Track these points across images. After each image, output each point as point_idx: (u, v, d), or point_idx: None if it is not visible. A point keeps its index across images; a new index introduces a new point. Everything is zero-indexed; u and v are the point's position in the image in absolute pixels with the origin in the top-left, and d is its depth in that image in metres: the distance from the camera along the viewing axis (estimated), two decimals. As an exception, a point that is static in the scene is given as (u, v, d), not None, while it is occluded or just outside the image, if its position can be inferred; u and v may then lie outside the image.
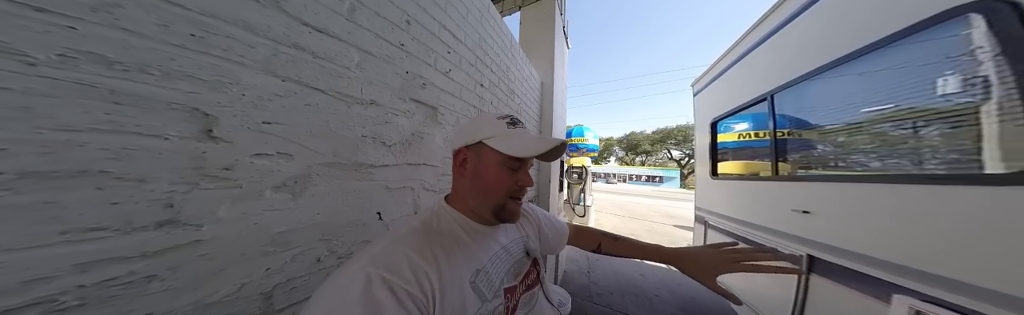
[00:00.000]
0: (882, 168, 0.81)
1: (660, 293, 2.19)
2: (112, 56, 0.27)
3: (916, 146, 0.72)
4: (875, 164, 0.84)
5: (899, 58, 0.73)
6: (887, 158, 0.80)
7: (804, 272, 0.94)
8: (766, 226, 1.20)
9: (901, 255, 0.69)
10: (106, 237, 0.28)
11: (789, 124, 1.17)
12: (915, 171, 0.72)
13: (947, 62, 0.63)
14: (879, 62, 0.78)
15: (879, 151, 0.82)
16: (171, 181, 0.31)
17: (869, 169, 0.86)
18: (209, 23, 0.34)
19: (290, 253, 0.44)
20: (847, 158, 0.94)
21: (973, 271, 0.56)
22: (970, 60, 0.59)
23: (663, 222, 5.67)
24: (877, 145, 0.82)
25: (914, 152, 0.73)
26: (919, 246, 0.66)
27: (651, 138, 30.30)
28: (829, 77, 0.94)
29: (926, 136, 0.70)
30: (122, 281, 0.29)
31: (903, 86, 0.72)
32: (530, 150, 0.33)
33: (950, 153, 0.65)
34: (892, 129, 0.77)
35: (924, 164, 0.70)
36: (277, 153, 0.42)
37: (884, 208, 0.74)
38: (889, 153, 0.79)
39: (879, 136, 0.81)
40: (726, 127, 1.70)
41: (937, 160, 0.68)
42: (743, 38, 1.49)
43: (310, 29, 0.47)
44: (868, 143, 0.85)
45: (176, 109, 0.32)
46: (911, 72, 0.70)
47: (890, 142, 0.78)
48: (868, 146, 0.85)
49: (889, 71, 0.76)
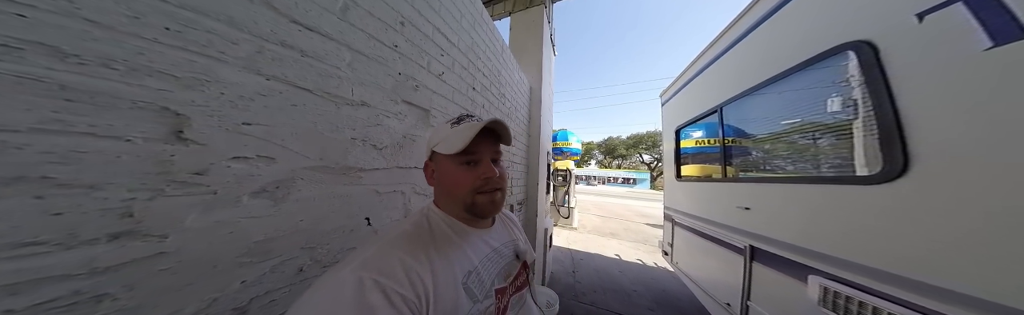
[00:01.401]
0: (796, 171, 0.97)
1: (637, 288, 2.27)
2: (67, 48, 0.23)
3: (816, 153, 0.88)
4: (791, 167, 0.99)
5: (806, 81, 0.89)
6: (799, 163, 0.96)
7: None
8: (719, 221, 1.33)
9: (813, 242, 0.81)
10: (45, 253, 0.23)
11: (734, 133, 1.33)
12: (817, 173, 0.87)
13: (834, 87, 0.78)
14: (793, 84, 0.94)
15: (793, 157, 0.99)
16: (130, 188, 0.27)
17: (787, 172, 1.02)
18: (188, 17, 0.31)
19: (269, 263, 0.40)
20: (772, 162, 1.11)
21: (860, 253, 0.67)
22: (846, 86, 0.73)
23: (637, 221, 5.92)
24: (791, 152, 0.99)
25: (815, 158, 0.89)
26: (825, 235, 0.77)
27: (626, 143, 31.72)
28: (761, 94, 1.10)
29: (821, 145, 0.87)
30: (63, 302, 0.24)
31: (805, 104, 0.88)
32: (463, 140, 0.31)
33: (835, 159, 0.81)
34: (800, 139, 0.93)
35: (822, 168, 0.86)
36: (257, 156, 0.38)
37: (800, 204, 0.87)
38: (800, 158, 0.95)
39: (792, 144, 0.98)
40: (687, 134, 1.85)
41: (828, 164, 0.84)
42: (701, 55, 1.64)
43: (300, 27, 0.44)
44: (785, 150, 1.02)
45: (141, 108, 0.28)
46: (812, 93, 0.86)
47: (799, 149, 0.95)
48: (785, 152, 1.02)
49: (798, 91, 0.92)
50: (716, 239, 1.32)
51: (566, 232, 4.45)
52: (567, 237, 4.10)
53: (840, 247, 0.72)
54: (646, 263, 2.94)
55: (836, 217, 0.74)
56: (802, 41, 0.88)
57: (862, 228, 0.67)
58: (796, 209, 0.88)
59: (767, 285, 0.99)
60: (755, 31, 1.14)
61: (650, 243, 3.86)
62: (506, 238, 0.43)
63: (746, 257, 1.07)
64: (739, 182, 1.23)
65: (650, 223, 5.59)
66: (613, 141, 33.11)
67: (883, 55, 0.64)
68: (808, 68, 0.85)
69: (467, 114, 0.38)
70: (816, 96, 0.83)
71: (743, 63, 1.22)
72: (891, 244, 0.62)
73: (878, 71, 0.63)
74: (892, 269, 0.61)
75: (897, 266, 0.60)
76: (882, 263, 0.63)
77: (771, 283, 0.97)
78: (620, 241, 3.99)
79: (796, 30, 0.92)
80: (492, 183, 0.34)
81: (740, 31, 1.23)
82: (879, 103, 0.63)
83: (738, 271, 1.11)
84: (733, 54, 1.29)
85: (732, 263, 1.16)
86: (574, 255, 3.16)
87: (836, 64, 0.76)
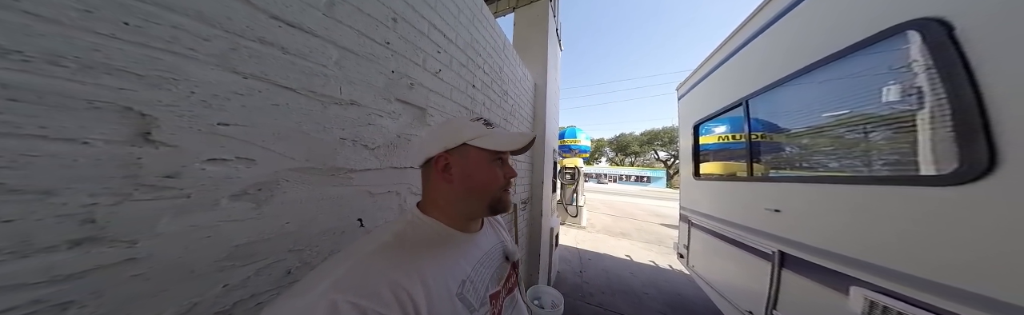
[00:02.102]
0: (840, 169, 0.85)
1: (649, 291, 2.18)
2: (6, 43, 0.22)
3: (868, 149, 0.76)
4: (833, 165, 0.87)
5: (852, 69, 0.76)
6: (843, 160, 0.83)
7: None
8: (743, 224, 1.22)
9: (858, 250, 0.71)
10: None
11: (762, 128, 1.20)
12: (867, 172, 0.75)
13: (891, 73, 0.66)
14: (836, 72, 0.81)
15: (836, 154, 0.85)
16: (92, 193, 0.26)
17: (829, 170, 0.89)
18: (149, 11, 0.29)
19: (254, 266, 0.39)
20: (810, 160, 0.98)
21: (920, 265, 0.59)
22: (907, 72, 0.62)
23: (651, 221, 5.71)
24: (834, 148, 0.86)
25: (866, 155, 0.76)
26: (873, 242, 0.68)
27: (639, 139, 30.68)
28: (795, 85, 0.97)
29: (874, 140, 0.74)
30: (22, 311, 0.23)
31: (855, 94, 0.76)
32: (517, 143, 0.34)
33: (893, 156, 0.69)
34: (847, 133, 0.80)
35: (873, 166, 0.74)
36: (236, 158, 0.36)
37: (842, 207, 0.77)
38: (845, 156, 0.82)
39: (836, 140, 0.84)
40: (707, 130, 1.72)
41: (883, 162, 0.72)
42: (721, 46, 1.51)
43: (280, 23, 0.41)
44: (826, 146, 0.88)
45: (99, 108, 0.26)
46: (862, 82, 0.74)
47: (846, 145, 0.82)
48: (827, 149, 0.89)
49: (844, 80, 0.79)
50: (739, 243, 1.22)
51: (574, 231, 4.37)
52: (575, 236, 4.03)
53: (893, 256, 0.63)
54: (659, 265, 2.82)
55: (891, 222, 0.65)
56: (847, 23, 0.76)
57: (925, 236, 0.58)
58: (838, 212, 0.77)
59: (798, 294, 0.90)
60: (787, 15, 1.00)
61: (665, 244, 3.70)
62: (495, 240, 0.41)
63: (774, 263, 0.98)
64: (768, 182, 1.12)
65: (665, 223, 5.36)
66: (625, 138, 32.16)
67: (960, 34, 0.53)
68: (857, 53, 0.73)
69: (488, 119, 0.38)
70: (868, 84, 0.71)
71: (774, 51, 1.08)
72: (962, 255, 0.52)
73: (954, 53, 0.53)
74: (962, 284, 0.51)
75: (968, 281, 0.51)
76: (949, 277, 0.53)
77: (803, 293, 0.88)
78: (632, 241, 3.86)
79: (838, 11, 0.79)
80: (511, 182, 0.36)
81: (769, 16, 1.10)
82: (955, 90, 0.52)
83: (763, 278, 1.02)
84: (762, 41, 1.16)
85: (757, 269, 1.07)
86: (582, 255, 3.08)
87: (893, 47, 0.65)
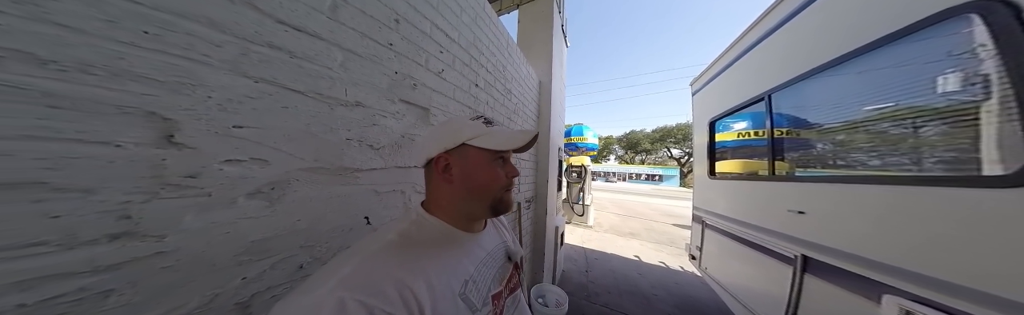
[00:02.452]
0: (878, 169, 0.79)
1: (658, 292, 2.17)
2: (43, 54, 0.24)
3: (911, 146, 0.70)
4: (872, 164, 0.82)
5: (898, 57, 0.71)
6: (884, 158, 0.78)
7: None
8: (762, 226, 1.18)
9: (893, 256, 0.68)
10: (47, 253, 0.25)
11: (787, 124, 1.14)
12: (912, 172, 0.70)
13: (947, 60, 0.61)
14: (877, 61, 0.75)
15: (876, 151, 0.80)
16: (126, 191, 0.29)
17: (864, 169, 0.84)
18: (165, 19, 0.31)
19: (269, 261, 0.42)
20: (843, 158, 0.92)
21: (963, 272, 0.55)
22: (970, 58, 0.56)
23: (662, 221, 5.63)
24: (874, 145, 0.80)
25: (911, 153, 0.71)
26: (911, 247, 0.65)
27: (651, 137, 29.98)
28: (826, 76, 0.91)
29: (920, 137, 0.68)
30: (71, 298, 0.26)
31: (900, 86, 0.70)
32: (517, 141, 0.33)
33: (947, 154, 0.64)
34: (888, 129, 0.75)
35: (921, 165, 0.68)
36: (250, 159, 0.39)
37: (878, 209, 0.73)
38: (886, 153, 0.77)
39: (875, 136, 0.79)
40: (724, 126, 1.66)
41: (934, 161, 0.66)
42: (740, 38, 1.45)
43: (286, 27, 0.43)
44: (863, 143, 0.83)
45: (128, 113, 0.29)
46: (909, 72, 0.68)
47: (887, 142, 0.76)
48: (865, 146, 0.83)
49: (887, 70, 0.74)
50: (757, 246, 1.17)
51: (581, 230, 4.37)
52: (582, 235, 4.03)
53: (935, 263, 0.59)
54: (670, 266, 2.78)
55: (935, 226, 0.60)
56: (889, 8, 0.71)
57: (975, 241, 0.54)
58: (873, 215, 0.73)
59: (822, 301, 0.86)
60: (818, 2, 0.93)
61: (677, 245, 3.63)
62: (498, 240, 0.42)
63: (796, 268, 0.94)
64: (792, 181, 1.06)
65: (678, 224, 5.26)
66: (636, 135, 31.50)
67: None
68: (903, 40, 0.67)
69: (487, 117, 0.37)
70: (916, 75, 0.66)
71: (802, 41, 1.01)
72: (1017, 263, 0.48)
73: (1021, 37, 0.48)
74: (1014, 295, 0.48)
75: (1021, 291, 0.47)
76: (999, 286, 0.50)
77: (828, 299, 0.84)
78: (641, 242, 3.83)
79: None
80: (512, 182, 0.35)
81: (797, 3, 1.02)
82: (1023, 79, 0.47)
83: (784, 283, 0.98)
84: (787, 31, 1.09)
85: (776, 273, 1.03)
86: (588, 254, 3.09)
87: (948, 33, 0.59)
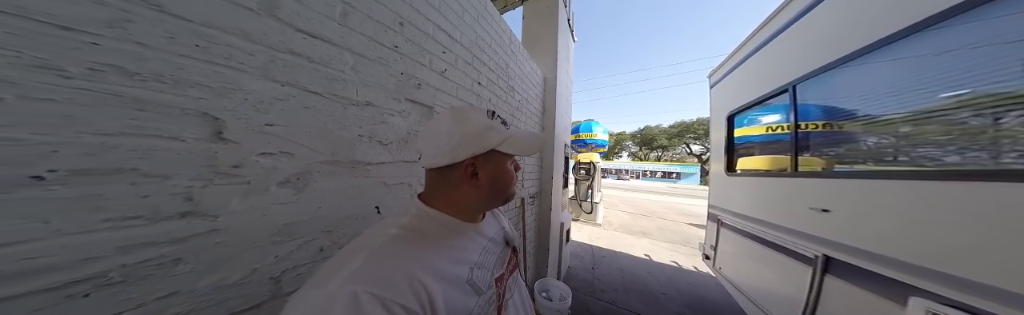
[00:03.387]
0: (917, 163, 0.75)
1: (667, 291, 2.19)
2: (131, 67, 0.32)
3: (966, 137, 0.63)
4: (910, 159, 0.77)
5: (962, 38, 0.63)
6: (924, 152, 0.73)
7: None
8: (782, 225, 1.16)
9: (923, 256, 0.66)
10: (140, 225, 0.33)
11: (811, 117, 1.11)
12: (957, 167, 0.65)
13: None
14: (923, 46, 0.69)
15: (914, 145, 0.76)
16: (189, 177, 0.37)
17: (902, 165, 0.80)
18: (210, 34, 0.38)
19: (296, 242, 0.50)
20: (881, 152, 0.87)
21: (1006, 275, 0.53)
22: None
23: (676, 220, 5.57)
24: (917, 138, 0.74)
25: (959, 145, 0.65)
26: (947, 247, 0.62)
27: (668, 132, 29.12)
28: (859, 65, 0.88)
29: (979, 127, 0.60)
30: (155, 262, 0.34)
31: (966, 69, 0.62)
32: (534, 147, 0.37)
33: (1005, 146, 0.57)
34: (935, 120, 0.69)
35: (966, 158, 0.63)
36: (280, 152, 0.47)
37: (915, 207, 0.69)
38: (925, 146, 0.73)
39: (921, 127, 0.72)
40: (743, 120, 1.64)
41: (986, 153, 0.59)
42: (763, 26, 1.41)
43: (304, 35, 0.50)
44: (907, 136, 0.77)
45: (189, 114, 0.36)
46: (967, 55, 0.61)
47: (931, 134, 0.70)
48: (909, 140, 0.77)
49: (936, 56, 0.68)
50: (775, 245, 1.16)
51: (589, 228, 4.40)
52: (590, 233, 4.06)
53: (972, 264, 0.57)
54: (682, 266, 2.79)
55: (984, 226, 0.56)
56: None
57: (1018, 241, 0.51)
58: (909, 213, 0.70)
59: (842, 303, 0.85)
60: None
61: (691, 245, 3.63)
62: (496, 227, 0.47)
63: (816, 268, 0.92)
64: (816, 178, 1.03)
65: (694, 223, 5.20)
66: (651, 130, 30.69)
67: None
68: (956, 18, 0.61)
69: (498, 114, 0.39)
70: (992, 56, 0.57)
71: (828, 30, 0.97)
72: None
73: None
74: None
75: None
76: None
77: (849, 301, 0.83)
78: (653, 241, 3.84)
79: None
80: None
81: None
82: None
83: (802, 284, 0.97)
84: (812, 20, 1.05)
85: (794, 274, 1.02)
86: (595, 252, 3.13)
87: None
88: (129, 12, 0.31)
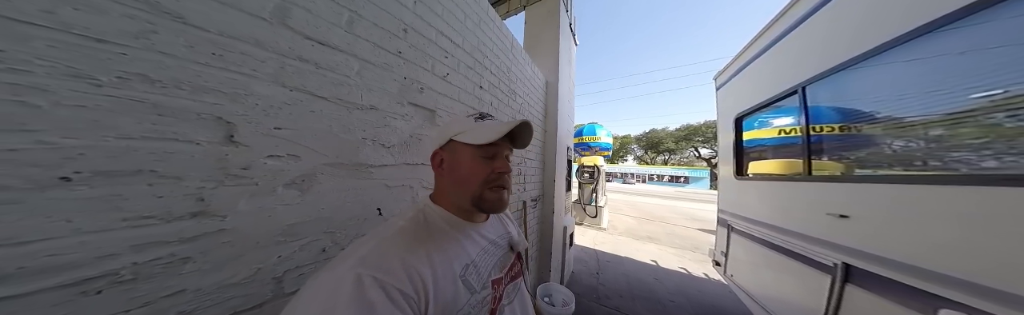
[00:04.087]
0: (943, 168, 0.73)
1: (676, 299, 2.14)
2: (153, 75, 0.34)
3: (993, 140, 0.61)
4: (935, 163, 0.75)
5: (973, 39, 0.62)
6: (951, 156, 0.70)
7: None
8: (796, 231, 1.13)
9: (953, 265, 0.64)
10: (154, 224, 0.35)
11: (824, 119, 1.08)
12: (986, 171, 0.62)
13: None
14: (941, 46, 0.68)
15: (943, 148, 0.73)
16: (202, 179, 0.39)
17: (927, 169, 0.77)
18: (226, 42, 0.41)
19: (298, 243, 0.51)
20: (898, 156, 0.85)
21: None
22: None
23: (685, 225, 5.47)
24: (943, 141, 0.72)
25: (988, 148, 0.62)
26: (983, 257, 0.60)
27: (675, 135, 28.88)
28: (873, 65, 0.86)
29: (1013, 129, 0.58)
30: (165, 261, 0.36)
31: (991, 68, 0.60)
32: (494, 133, 0.35)
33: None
34: (962, 122, 0.66)
35: (999, 162, 0.60)
36: (287, 155, 0.49)
37: (941, 212, 0.67)
38: (955, 150, 0.69)
39: (946, 130, 0.70)
40: (752, 123, 1.62)
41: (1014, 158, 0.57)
42: (771, 25, 1.39)
43: (313, 42, 0.53)
44: (930, 139, 0.74)
45: (204, 118, 0.39)
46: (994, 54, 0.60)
47: (959, 137, 0.67)
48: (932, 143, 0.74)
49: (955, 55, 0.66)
50: (789, 252, 1.13)
51: (593, 232, 4.36)
52: (594, 237, 4.02)
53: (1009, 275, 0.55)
54: (692, 273, 2.72)
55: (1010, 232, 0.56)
56: None
57: None
58: (934, 219, 0.68)
59: (863, 313, 0.84)
60: None
61: (701, 251, 3.56)
62: (501, 231, 0.47)
63: (835, 277, 0.90)
64: (834, 182, 1.00)
65: (702, 228, 5.09)
66: (657, 133, 30.50)
67: None
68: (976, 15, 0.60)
69: (487, 113, 0.40)
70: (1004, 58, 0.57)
71: (840, 27, 0.96)
72: None
73: None
74: None
75: None
76: None
77: (871, 312, 0.81)
78: (660, 246, 3.78)
79: None
80: (502, 180, 0.37)
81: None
82: None
83: (820, 293, 0.94)
84: (822, 17, 1.04)
85: (813, 282, 0.99)
86: (600, 256, 3.09)
87: None
88: (155, 24, 0.34)
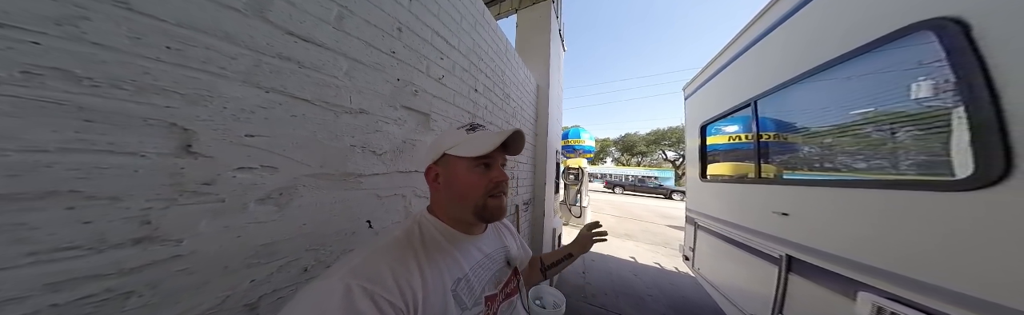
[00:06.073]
0: (856, 172, 0.84)
1: (652, 293, 2.21)
2: (80, 72, 0.26)
3: (883, 151, 0.75)
4: (849, 168, 0.87)
5: (865, 69, 0.78)
6: (860, 162, 0.83)
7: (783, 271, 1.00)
8: (749, 227, 1.24)
9: (866, 255, 0.73)
10: (79, 256, 0.27)
11: (771, 129, 1.21)
12: (887, 176, 0.74)
13: (905, 73, 0.67)
14: (847, 73, 0.83)
15: (853, 155, 0.86)
16: (147, 198, 0.31)
17: (838, 174, 0.90)
18: (186, 35, 0.33)
19: (276, 264, 0.44)
20: (819, 163, 1.00)
21: (927, 270, 0.60)
22: (922, 73, 0.63)
23: (657, 222, 5.70)
24: (852, 149, 0.85)
25: (879, 157, 0.76)
26: (882, 247, 0.69)
27: (646, 139, 30.41)
28: (810, 82, 0.98)
29: (887, 143, 0.73)
30: (98, 299, 0.28)
31: (868, 95, 0.76)
32: (488, 145, 0.34)
33: (905, 159, 0.69)
34: (858, 136, 0.80)
35: (888, 169, 0.73)
36: (261, 166, 0.41)
37: (851, 210, 0.78)
38: (862, 157, 0.83)
39: (847, 142, 0.84)
40: (714, 130, 1.73)
41: (895, 166, 0.71)
42: (729, 45, 1.51)
43: (295, 38, 0.46)
44: (843, 147, 0.88)
45: (152, 125, 0.31)
46: (875, 83, 0.74)
47: (857, 148, 0.82)
48: (843, 150, 0.88)
49: (855, 81, 0.80)
50: (745, 246, 1.23)
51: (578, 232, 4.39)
52: (579, 237, 4.05)
53: (903, 262, 0.64)
54: (664, 267, 2.85)
55: (901, 227, 0.65)
56: (860, 22, 0.77)
57: (937, 241, 0.59)
58: (847, 216, 0.78)
59: (804, 299, 0.93)
60: (796, 14, 1.02)
61: (671, 246, 3.72)
62: (498, 244, 0.43)
63: (781, 267, 1.00)
64: (776, 184, 1.13)
65: (672, 225, 5.35)
66: (631, 137, 31.91)
67: (977, 34, 0.52)
68: (869, 53, 0.74)
69: (478, 123, 0.39)
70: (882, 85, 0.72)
71: (784, 50, 1.10)
72: (972, 260, 0.52)
73: (971, 54, 0.52)
74: (973, 292, 0.52)
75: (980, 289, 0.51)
76: (961, 284, 0.54)
77: (810, 297, 0.90)
78: (637, 243, 3.89)
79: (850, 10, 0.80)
80: (501, 187, 0.36)
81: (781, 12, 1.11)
82: (972, 93, 0.52)
83: (770, 282, 1.05)
84: (771, 40, 1.18)
85: (763, 273, 1.09)
86: (586, 255, 3.12)
87: (907, 46, 0.65)
88: (86, 8, 0.26)
